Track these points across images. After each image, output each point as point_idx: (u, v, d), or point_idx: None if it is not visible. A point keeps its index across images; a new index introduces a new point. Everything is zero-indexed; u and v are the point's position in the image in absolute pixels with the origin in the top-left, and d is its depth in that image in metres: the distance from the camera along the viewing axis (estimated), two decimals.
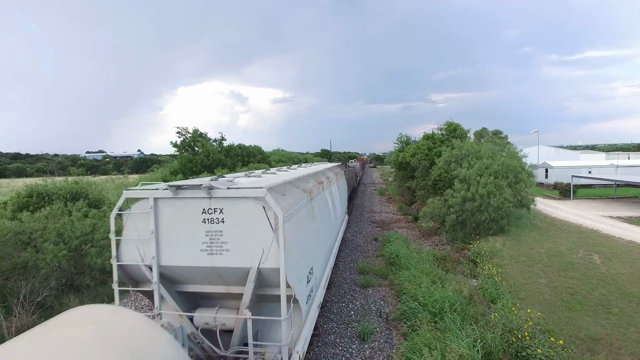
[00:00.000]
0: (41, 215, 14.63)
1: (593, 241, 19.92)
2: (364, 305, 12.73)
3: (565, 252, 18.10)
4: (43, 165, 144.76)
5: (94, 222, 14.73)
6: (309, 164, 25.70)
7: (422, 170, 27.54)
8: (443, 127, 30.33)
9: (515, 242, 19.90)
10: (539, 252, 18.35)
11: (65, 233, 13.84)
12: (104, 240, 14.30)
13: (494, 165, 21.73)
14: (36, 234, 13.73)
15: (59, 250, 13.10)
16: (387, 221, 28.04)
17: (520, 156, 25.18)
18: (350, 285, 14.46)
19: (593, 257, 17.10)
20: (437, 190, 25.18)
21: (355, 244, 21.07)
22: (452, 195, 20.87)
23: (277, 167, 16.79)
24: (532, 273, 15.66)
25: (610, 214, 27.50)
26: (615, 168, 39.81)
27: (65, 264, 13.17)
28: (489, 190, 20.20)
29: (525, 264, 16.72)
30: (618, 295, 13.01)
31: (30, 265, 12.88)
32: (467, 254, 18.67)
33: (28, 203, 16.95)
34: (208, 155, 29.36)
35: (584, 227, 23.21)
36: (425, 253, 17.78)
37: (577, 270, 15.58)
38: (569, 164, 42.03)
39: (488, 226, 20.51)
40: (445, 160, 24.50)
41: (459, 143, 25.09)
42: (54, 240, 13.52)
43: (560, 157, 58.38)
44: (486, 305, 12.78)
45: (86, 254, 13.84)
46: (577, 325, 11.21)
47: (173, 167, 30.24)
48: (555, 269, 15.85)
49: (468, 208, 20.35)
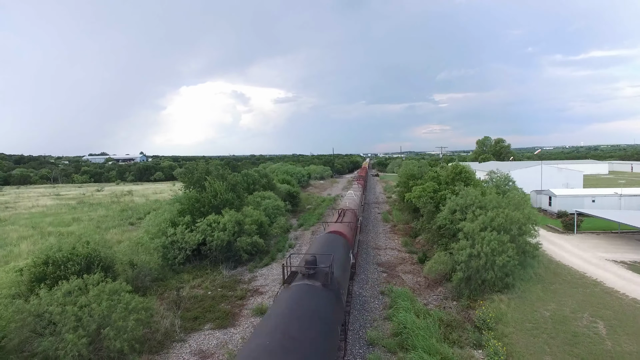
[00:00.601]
0: (59, 294, 15.00)
1: (597, 300, 20.25)
2: None
3: (570, 317, 18.43)
4: (47, 172, 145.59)
5: (110, 303, 15.07)
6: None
7: (428, 213, 27.88)
8: (449, 168, 30.65)
9: (520, 300, 20.25)
10: (544, 315, 18.68)
11: (84, 317, 14.23)
12: (120, 322, 14.70)
13: (497, 219, 22.05)
14: (55, 317, 14.11)
15: (78, 338, 13.52)
16: (392, 263, 28.40)
17: (525, 203, 25.43)
18: None
19: (598, 326, 17.42)
20: (441, 236, 25.54)
21: (362, 299, 21.44)
22: (458, 252, 21.20)
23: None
24: (537, 347, 15.99)
25: (614, 257, 27.80)
26: (619, 197, 40.06)
27: (84, 351, 13.56)
28: (493, 247, 20.53)
29: (530, 334, 17.05)
30: None
31: (50, 355, 13.28)
32: (472, 318, 19.00)
33: (45, 273, 17.35)
34: (215, 196, 29.73)
35: (587, 278, 23.53)
36: (432, 319, 18.13)
37: (582, 345, 15.90)
38: (572, 193, 42.32)
39: (493, 283, 20.85)
40: (449, 208, 24.83)
41: (463, 190, 25.41)
42: (72, 326, 13.92)
43: (562, 176, 58.66)
44: None
45: (104, 337, 14.23)
46: None
47: (181, 206, 30.58)
48: (560, 342, 16.18)
49: (474, 265, 20.69)
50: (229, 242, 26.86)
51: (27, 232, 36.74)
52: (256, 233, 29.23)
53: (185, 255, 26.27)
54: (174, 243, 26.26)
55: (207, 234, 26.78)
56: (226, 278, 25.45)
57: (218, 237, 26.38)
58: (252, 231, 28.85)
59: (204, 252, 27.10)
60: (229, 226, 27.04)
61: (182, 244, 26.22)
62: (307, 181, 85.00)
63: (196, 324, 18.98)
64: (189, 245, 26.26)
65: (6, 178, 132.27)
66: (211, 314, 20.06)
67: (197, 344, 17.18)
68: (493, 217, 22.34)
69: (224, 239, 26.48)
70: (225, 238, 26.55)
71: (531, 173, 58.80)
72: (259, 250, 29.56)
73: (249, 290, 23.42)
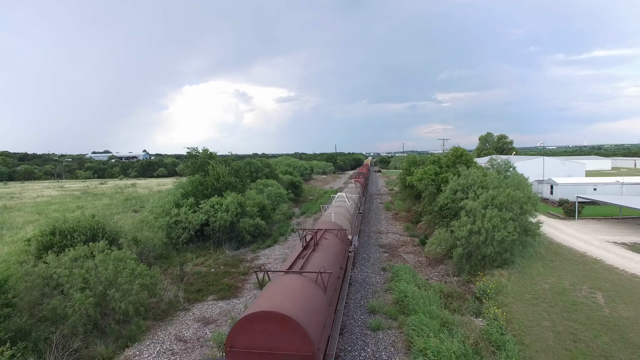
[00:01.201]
0: (66, 259, 15.31)
1: (597, 275, 20.41)
2: (375, 353, 13.35)
3: (569, 288, 18.61)
4: (51, 168, 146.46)
5: (116, 266, 15.38)
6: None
7: (429, 195, 28.08)
8: (449, 151, 30.84)
9: (521, 275, 20.43)
10: (543, 288, 18.87)
11: (91, 279, 14.54)
12: (127, 285, 15.01)
13: (499, 197, 22.23)
14: (63, 279, 14.42)
15: (85, 298, 13.82)
16: (394, 244, 28.62)
17: (526, 183, 25.59)
18: (362, 329, 15.08)
19: (596, 296, 17.60)
20: (443, 217, 25.73)
21: (364, 275, 21.68)
22: (459, 228, 21.41)
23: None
24: (536, 314, 16.18)
25: (614, 239, 27.92)
26: (621, 185, 40.10)
27: (91, 310, 13.86)
28: (494, 224, 20.72)
29: (529, 303, 17.25)
30: (621, 345, 13.51)
31: (59, 313, 13.58)
32: (473, 290, 19.21)
33: (52, 242, 17.68)
34: (218, 179, 30.03)
35: (588, 257, 23.68)
36: (433, 289, 18.36)
37: (581, 312, 16.08)
38: (574, 181, 42.37)
39: (493, 259, 21.03)
40: (451, 189, 25.03)
41: (465, 170, 25.60)
42: (80, 287, 14.23)
43: (565, 169, 58.62)
44: (491, 352, 13.36)
45: (111, 298, 14.53)
46: None
47: (184, 188, 30.92)
48: (559, 310, 16.37)
49: (474, 241, 20.88)
50: (231, 222, 27.16)
51: (33, 217, 37.17)
52: (258, 215, 29.51)
53: (189, 235, 26.57)
54: (177, 223, 26.58)
55: (210, 215, 27.08)
56: (229, 257, 25.74)
57: (221, 218, 26.69)
58: (254, 213, 29.14)
59: (207, 232, 27.39)
60: (231, 207, 27.34)
61: (185, 224, 26.53)
62: (310, 175, 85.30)
63: (199, 296, 19.27)
64: (192, 225, 26.56)
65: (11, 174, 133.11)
66: (214, 287, 20.34)
67: (201, 312, 17.48)
68: (495, 195, 22.53)
69: (226, 219, 26.77)
70: (228, 219, 26.85)
71: (533, 165, 58.75)
72: (262, 232, 29.84)
73: (252, 267, 23.70)
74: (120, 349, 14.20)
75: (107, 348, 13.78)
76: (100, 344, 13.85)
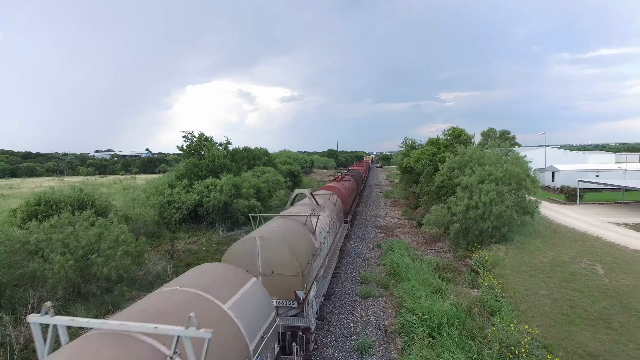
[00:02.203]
0: (47, 225, 14.92)
1: (597, 250, 19.81)
2: (364, 317, 12.87)
3: (568, 261, 18.04)
4: (53, 165, 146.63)
5: (100, 232, 14.99)
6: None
7: (426, 175, 27.55)
8: (447, 131, 30.29)
9: (519, 250, 19.87)
10: (542, 261, 18.30)
11: (71, 243, 14.13)
12: (110, 250, 14.60)
13: (496, 172, 21.68)
14: (42, 244, 14.03)
15: (65, 261, 13.39)
16: (391, 226, 28.11)
17: (524, 161, 25.01)
18: (351, 296, 14.61)
19: (596, 268, 17.03)
20: (440, 196, 25.20)
21: (358, 251, 21.19)
22: (456, 203, 20.88)
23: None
24: (533, 284, 15.65)
25: (616, 220, 27.27)
26: (624, 172, 39.39)
27: (72, 273, 13.45)
28: (491, 197, 20.18)
29: (527, 274, 16.70)
30: (619, 309, 12.97)
31: (38, 275, 13.19)
32: (469, 263, 18.68)
33: (37, 211, 17.32)
34: (213, 160, 29.62)
35: (588, 235, 23.07)
36: (427, 262, 17.86)
37: (579, 281, 15.53)
38: (575, 168, 41.66)
39: (491, 234, 20.48)
40: (448, 167, 24.50)
41: (462, 149, 25.05)
42: (60, 251, 13.82)
43: (567, 159, 57.79)
44: (486, 317, 12.85)
45: (92, 263, 14.13)
46: (576, 340, 11.22)
47: (179, 172, 30.54)
48: (557, 280, 15.82)
49: (471, 216, 20.35)
50: (225, 203, 26.72)
51: None
52: (254, 197, 29.06)
53: (182, 215, 26.16)
54: (170, 202, 26.18)
55: (204, 195, 26.66)
56: (222, 237, 25.30)
57: (215, 198, 26.25)
58: (250, 195, 28.68)
59: (201, 213, 26.97)
60: (225, 188, 26.90)
61: (178, 204, 26.13)
62: (310, 168, 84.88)
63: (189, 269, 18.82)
64: (185, 206, 26.15)
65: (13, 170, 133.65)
66: (205, 262, 19.86)
67: None
68: (492, 171, 21.98)
69: (220, 199, 26.34)
70: (221, 199, 26.41)
71: (536, 155, 57.94)
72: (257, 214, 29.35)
73: None
74: (101, 314, 13.79)
75: (88, 312, 13.38)
76: (80, 308, 13.45)
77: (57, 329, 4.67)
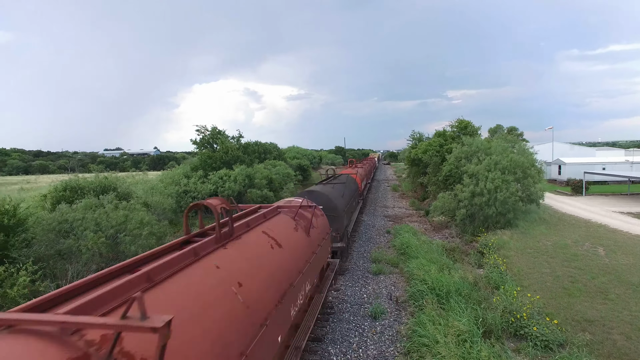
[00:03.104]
0: (79, 206, 16.02)
1: (600, 235, 20.49)
2: (376, 290, 13.76)
3: (571, 244, 18.77)
4: (64, 163, 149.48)
5: (126, 214, 16.05)
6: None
7: (434, 166, 28.34)
8: (454, 123, 31.02)
9: (523, 235, 20.61)
10: (545, 244, 19.05)
11: (102, 222, 15.21)
12: (136, 230, 15.66)
13: (502, 162, 22.42)
14: (76, 223, 15.12)
15: (97, 238, 14.47)
16: (399, 215, 28.94)
17: (530, 152, 25.71)
18: (364, 273, 15.51)
19: (598, 250, 17.75)
20: (447, 185, 25.96)
21: (368, 236, 22.07)
22: (462, 190, 21.67)
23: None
24: (536, 263, 16.43)
25: (621, 210, 27.84)
26: (631, 165, 39.79)
27: (103, 250, 14.52)
28: (497, 185, 20.94)
29: (530, 255, 17.47)
30: (617, 284, 13.73)
31: (74, 251, 14.27)
32: (475, 246, 19.48)
33: (64, 197, 18.43)
34: (227, 152, 30.66)
35: (592, 222, 23.71)
36: (435, 244, 18.69)
37: (581, 261, 16.28)
38: (582, 161, 42.12)
39: (496, 219, 21.25)
40: (455, 157, 25.26)
41: (469, 140, 25.80)
42: (93, 229, 14.90)
43: (574, 154, 58.11)
44: (490, 291, 13.68)
45: (121, 241, 15.19)
46: (574, 309, 12.02)
47: (193, 164, 31.62)
48: (559, 260, 16.58)
49: (477, 202, 21.12)
50: (239, 192, 27.73)
51: None
52: (266, 188, 30.05)
53: None
54: (187, 192, 27.25)
55: (219, 185, 27.69)
56: None
57: (229, 187, 27.27)
58: (263, 185, 29.67)
59: None
60: (239, 178, 27.92)
61: (194, 193, 27.19)
62: (319, 164, 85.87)
63: None
64: (201, 195, 27.19)
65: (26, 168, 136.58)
66: None
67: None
68: (498, 160, 22.73)
69: (234, 189, 27.35)
70: (236, 188, 27.42)
71: (543, 150, 58.36)
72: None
73: None
74: None
75: None
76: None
77: None
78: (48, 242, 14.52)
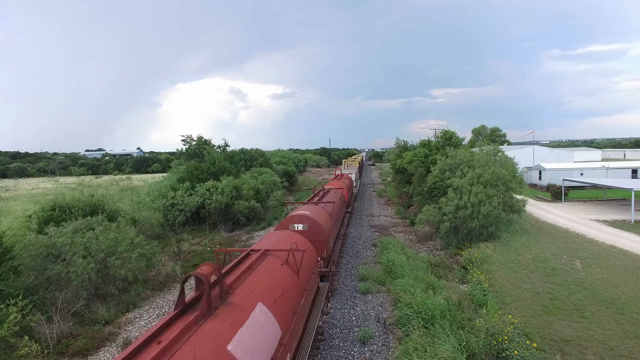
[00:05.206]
0: (68, 230, 15.95)
1: (577, 246, 21.36)
2: (364, 311, 14.15)
3: (551, 257, 19.53)
4: (44, 165, 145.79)
5: (117, 236, 16.07)
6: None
7: (419, 177, 28.93)
8: (439, 133, 31.70)
9: (505, 247, 21.33)
10: (526, 257, 19.77)
11: (92, 247, 15.20)
12: (126, 252, 15.70)
13: (485, 175, 23.09)
14: (65, 247, 15.07)
15: (87, 263, 14.49)
16: (385, 225, 29.45)
17: (511, 163, 26.51)
18: (352, 292, 15.88)
19: (575, 263, 18.53)
20: (432, 196, 26.57)
21: (355, 250, 22.48)
22: (446, 203, 22.25)
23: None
24: (517, 279, 17.08)
25: (597, 217, 28.95)
26: (606, 170, 41.22)
27: (93, 275, 14.54)
28: (480, 199, 21.59)
29: (512, 270, 18.14)
30: (592, 300, 14.44)
31: (63, 277, 14.25)
32: (460, 260, 20.07)
33: (52, 216, 18.27)
34: (214, 163, 30.68)
35: (571, 232, 24.64)
36: (421, 260, 19.20)
37: (559, 276, 17.00)
38: (561, 166, 43.45)
39: (479, 232, 21.91)
40: (440, 169, 25.87)
41: (453, 152, 26.45)
42: (82, 254, 14.89)
43: (554, 156, 59.79)
44: (474, 310, 14.21)
45: (111, 265, 15.22)
46: (552, 328, 12.64)
47: (180, 174, 31.53)
48: (539, 275, 17.28)
49: (460, 216, 21.74)
50: (227, 205, 27.85)
51: (30, 206, 37.51)
52: (253, 198, 30.22)
53: (185, 217, 27.22)
54: (174, 205, 27.23)
55: (206, 198, 27.75)
56: (224, 238, 26.43)
57: (216, 200, 27.37)
58: (250, 196, 29.84)
59: (203, 215, 28.07)
60: (226, 190, 28.03)
61: (182, 206, 27.19)
62: (304, 167, 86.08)
63: (196, 269, 19.94)
64: (188, 208, 27.23)
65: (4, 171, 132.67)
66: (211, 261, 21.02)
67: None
68: (480, 173, 23.40)
69: (222, 201, 27.46)
70: (223, 201, 27.54)
71: (524, 153, 59.84)
72: (256, 215, 30.57)
73: (248, 246, 24.40)
74: (121, 313, 14.92)
75: (109, 311, 14.49)
76: (102, 307, 14.56)
77: None
78: (37, 269, 14.46)
